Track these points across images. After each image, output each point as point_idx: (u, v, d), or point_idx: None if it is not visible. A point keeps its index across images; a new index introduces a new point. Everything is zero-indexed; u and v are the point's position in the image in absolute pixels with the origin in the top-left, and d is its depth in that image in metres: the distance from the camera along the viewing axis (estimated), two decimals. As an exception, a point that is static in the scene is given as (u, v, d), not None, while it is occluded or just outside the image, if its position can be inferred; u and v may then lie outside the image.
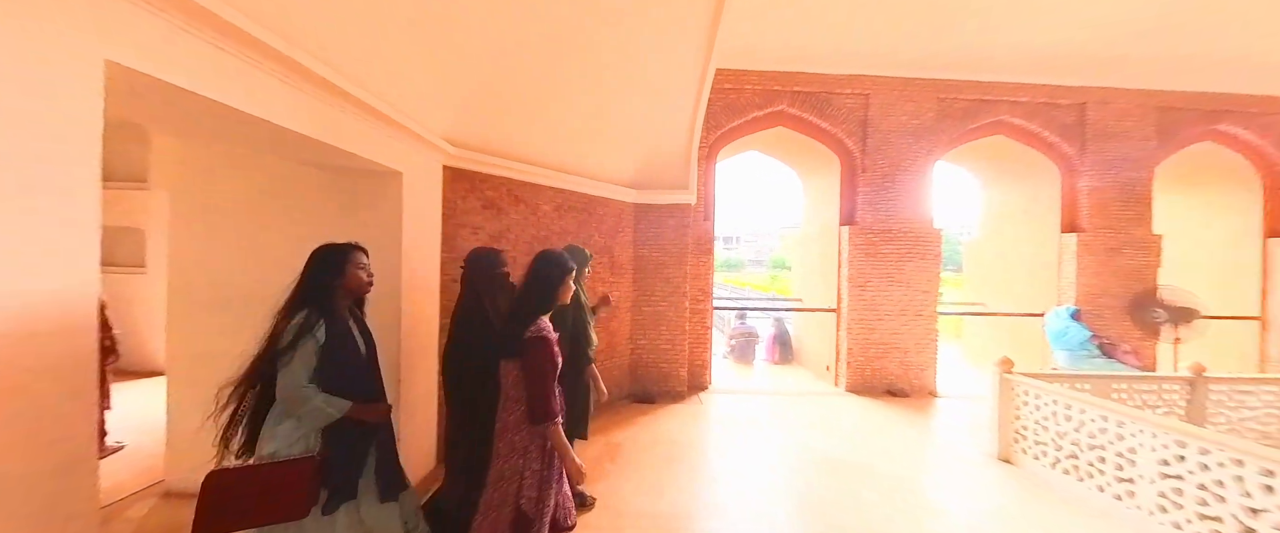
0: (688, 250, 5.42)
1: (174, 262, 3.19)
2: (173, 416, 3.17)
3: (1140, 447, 2.94)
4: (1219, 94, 6.09)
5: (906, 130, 5.93)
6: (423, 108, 3.33)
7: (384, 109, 2.83)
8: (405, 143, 3.24)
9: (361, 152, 2.73)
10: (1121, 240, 6.10)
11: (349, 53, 2.48)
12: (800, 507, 3.36)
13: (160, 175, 3.15)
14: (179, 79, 1.54)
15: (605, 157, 5.06)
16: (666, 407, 5.20)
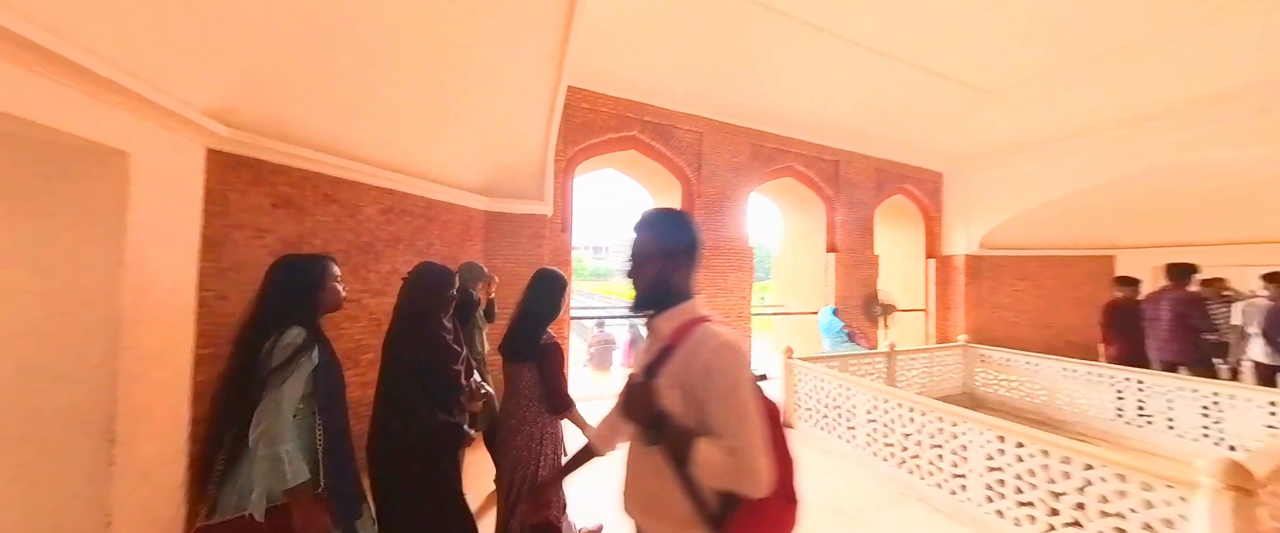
0: (544, 261, 4.10)
1: None
2: None
3: (858, 404, 3.36)
4: (905, 164, 7.14)
5: (729, 167, 5.58)
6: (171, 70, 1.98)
7: (86, 61, 1.54)
8: (135, 113, 1.86)
9: (45, 118, 1.47)
10: (858, 258, 6.66)
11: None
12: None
13: None
14: None
15: (451, 159, 3.57)
16: None
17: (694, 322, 0.97)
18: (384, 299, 3.25)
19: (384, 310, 3.22)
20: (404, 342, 1.65)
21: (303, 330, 1.31)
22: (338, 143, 2.91)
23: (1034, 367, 4.87)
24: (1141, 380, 4.09)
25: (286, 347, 1.25)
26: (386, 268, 3.28)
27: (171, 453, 2.14)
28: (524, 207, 4.36)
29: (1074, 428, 4.34)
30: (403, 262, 3.40)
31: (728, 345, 0.90)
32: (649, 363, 1.00)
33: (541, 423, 1.80)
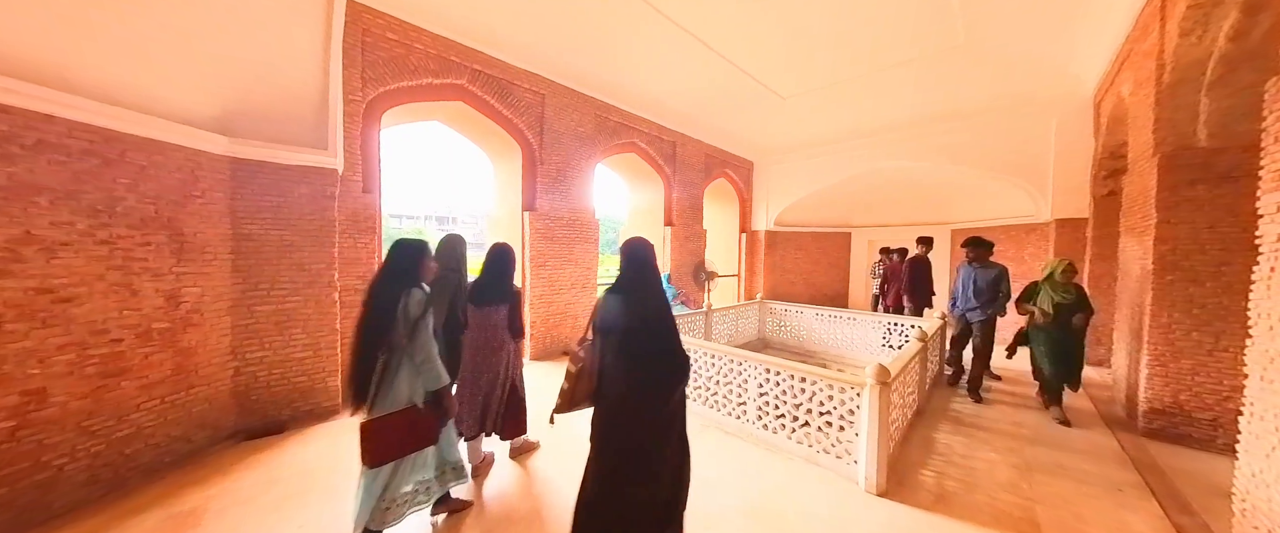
0: (336, 228, 3.27)
1: None
2: None
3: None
4: (727, 151, 8.28)
5: (574, 135, 5.48)
6: None
7: None
8: None
9: None
10: (690, 232, 7.55)
11: None
12: (476, 486, 2.47)
13: None
14: None
15: (157, 69, 2.45)
16: (304, 431, 3.13)
17: None
18: (7, 283, 2.04)
19: (11, 301, 2.04)
20: None
21: (423, 292, 1.88)
22: None
23: (800, 314, 6.48)
24: (854, 317, 5.92)
25: (418, 302, 1.83)
26: (11, 233, 2.05)
27: None
28: (296, 156, 3.32)
29: (821, 356, 6.01)
30: (49, 224, 2.18)
31: None
32: None
33: (510, 343, 2.66)
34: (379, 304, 1.79)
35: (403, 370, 1.80)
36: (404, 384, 1.80)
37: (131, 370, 2.53)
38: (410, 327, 1.79)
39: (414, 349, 1.80)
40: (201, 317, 2.91)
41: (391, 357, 1.78)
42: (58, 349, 2.22)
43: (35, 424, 2.15)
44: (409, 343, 1.79)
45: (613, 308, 1.62)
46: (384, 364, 1.78)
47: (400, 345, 1.78)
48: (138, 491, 2.47)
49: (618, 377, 1.55)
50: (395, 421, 1.75)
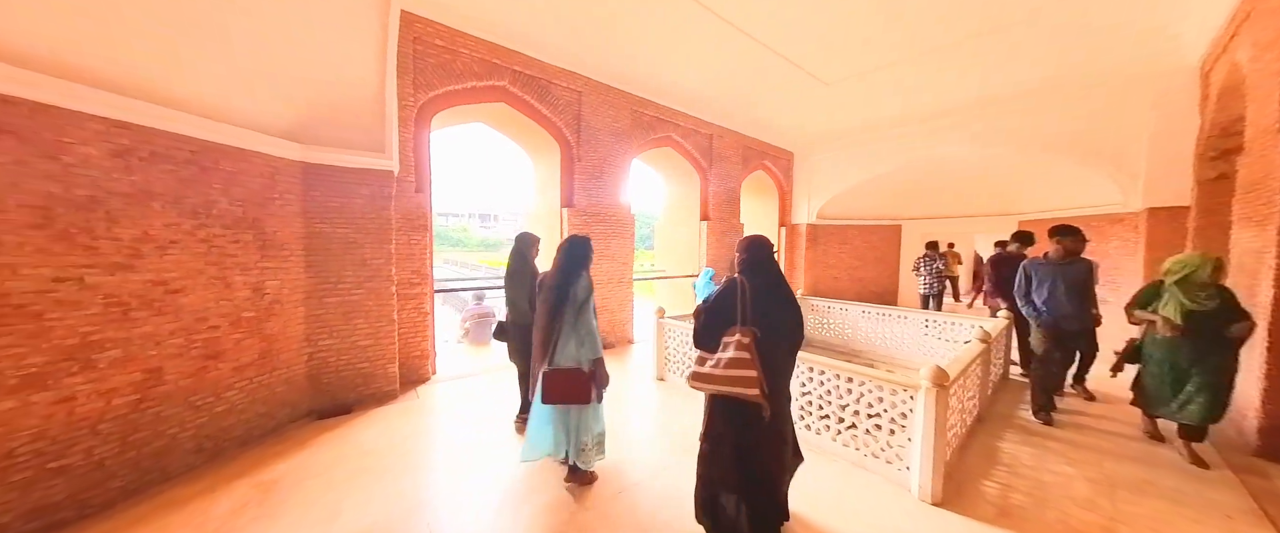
0: (392, 225, 3.53)
1: None
2: None
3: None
4: (765, 142, 7.98)
5: (610, 131, 5.51)
6: None
7: None
8: None
9: None
10: (726, 226, 7.40)
11: None
12: (529, 473, 2.64)
13: None
14: None
15: (239, 86, 2.83)
16: (368, 413, 3.38)
17: None
18: (131, 277, 2.38)
19: (133, 291, 2.37)
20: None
21: (589, 279, 2.42)
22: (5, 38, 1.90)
23: (845, 311, 6.19)
24: (904, 316, 5.56)
25: (585, 287, 2.36)
26: (132, 233, 2.38)
27: None
28: (359, 159, 3.59)
29: (867, 356, 5.71)
30: (161, 225, 2.51)
31: None
32: None
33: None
34: (560, 287, 2.32)
35: (570, 339, 2.28)
36: (572, 348, 2.28)
37: (226, 354, 2.87)
38: (577, 307, 2.30)
39: (579, 324, 2.29)
40: (281, 307, 3.24)
41: (563, 327, 2.28)
42: (170, 334, 2.56)
43: (154, 398, 2.49)
44: (575, 319, 2.29)
45: (762, 296, 1.84)
46: (559, 332, 2.28)
47: (568, 320, 2.28)
48: (233, 459, 2.81)
49: (777, 353, 1.82)
50: (568, 375, 2.25)
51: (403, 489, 2.52)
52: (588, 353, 2.29)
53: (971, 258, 12.57)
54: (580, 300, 2.32)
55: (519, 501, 2.41)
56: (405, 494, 2.47)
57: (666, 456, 2.94)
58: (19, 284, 1.99)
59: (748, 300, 1.79)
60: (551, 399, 2.26)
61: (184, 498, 2.40)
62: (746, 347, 1.72)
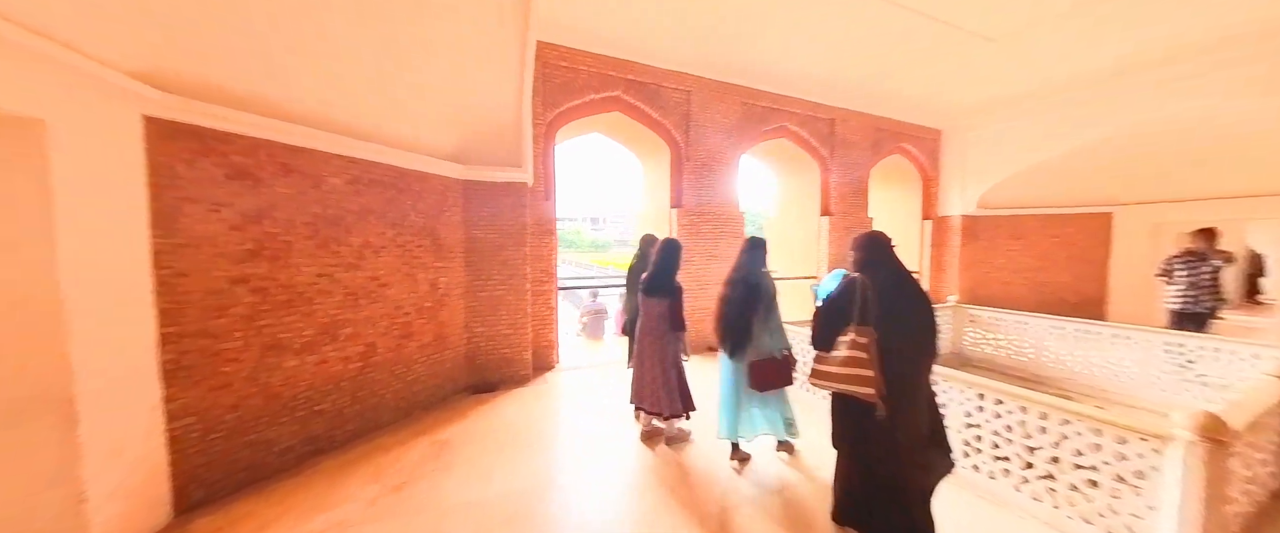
0: (527, 230, 4.02)
1: None
2: None
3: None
4: (903, 122, 6.84)
5: (719, 127, 5.33)
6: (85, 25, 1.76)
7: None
8: (49, 75, 1.69)
9: None
10: (852, 221, 6.55)
11: None
12: (640, 472, 2.75)
13: None
14: None
15: (421, 124, 3.41)
16: (509, 393, 3.86)
17: None
18: (358, 273, 3.17)
19: (359, 285, 3.13)
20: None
21: (772, 277, 2.70)
22: (289, 107, 2.71)
23: (1023, 325, 4.88)
24: (1129, 336, 4.10)
25: (772, 286, 2.63)
26: (359, 241, 3.17)
27: (145, 430, 2.12)
28: (503, 174, 4.18)
29: (1059, 384, 4.40)
30: (377, 234, 3.28)
31: None
32: None
33: (671, 335, 2.90)
34: (735, 287, 2.59)
35: (763, 333, 2.53)
36: (766, 341, 2.54)
37: (414, 335, 3.62)
38: (767, 304, 2.55)
39: (770, 319, 2.56)
40: (449, 299, 3.96)
41: (755, 323, 2.53)
42: (380, 317, 3.34)
43: (372, 366, 3.28)
44: (767, 315, 2.54)
45: (886, 295, 1.75)
46: (747, 326, 2.53)
47: (760, 316, 2.53)
48: (417, 420, 3.53)
49: (903, 353, 1.71)
50: (776, 363, 2.52)
51: (537, 466, 2.83)
52: (781, 343, 2.58)
53: (1246, 257, 8.72)
54: (770, 298, 2.57)
55: (641, 490, 2.52)
56: (539, 471, 2.77)
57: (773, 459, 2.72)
58: (300, 278, 2.82)
59: (868, 300, 1.74)
60: (764, 386, 2.49)
61: (389, 445, 3.09)
62: (863, 346, 1.69)
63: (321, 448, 2.94)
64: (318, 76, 2.76)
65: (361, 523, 2.23)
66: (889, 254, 1.86)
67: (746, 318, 2.50)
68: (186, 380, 2.29)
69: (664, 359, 2.86)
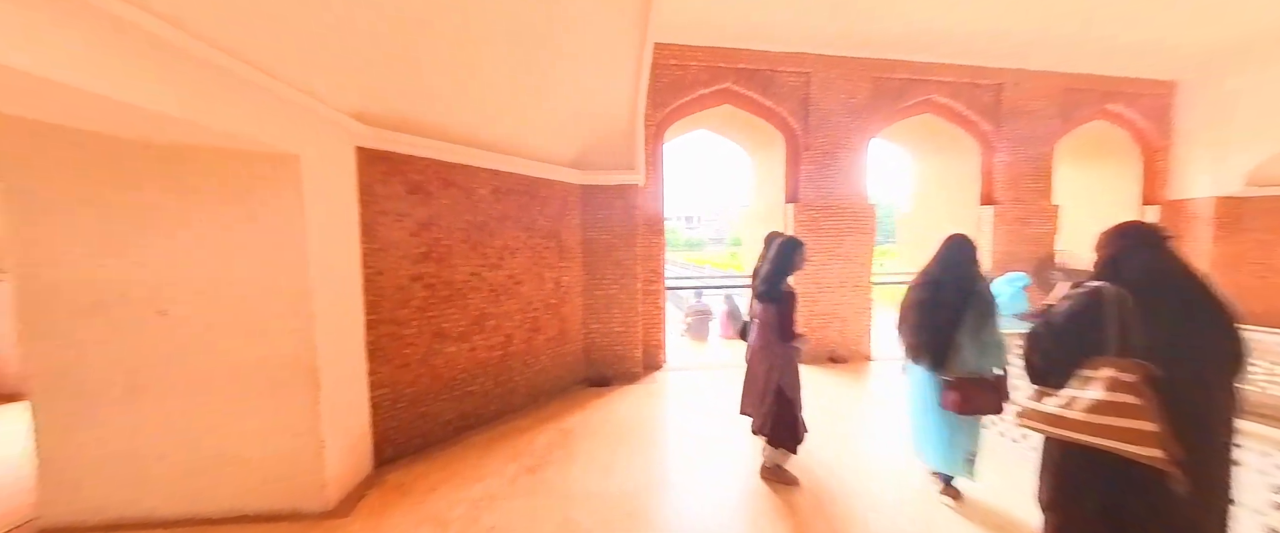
0: (638, 231, 4.09)
1: (17, 267, 2.08)
2: (43, 442, 2.14)
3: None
4: (1110, 77, 5.17)
5: (845, 109, 4.69)
6: (322, 80, 2.29)
7: (264, 80, 1.89)
8: (301, 121, 2.22)
9: (237, 129, 1.83)
10: (1029, 211, 5.19)
11: (218, 15, 1.60)
12: (753, 477, 2.65)
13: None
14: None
15: (546, 136, 3.65)
16: (621, 388, 3.94)
17: None
18: (499, 272, 3.55)
19: (500, 282, 3.50)
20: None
21: (987, 283, 2.24)
22: (450, 129, 3.15)
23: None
24: None
25: (988, 291, 2.18)
26: (499, 244, 3.56)
27: (357, 396, 2.66)
28: (616, 177, 4.31)
29: None
30: (512, 237, 3.65)
31: None
32: None
33: (776, 347, 2.49)
34: (965, 288, 2.15)
35: (969, 347, 2.09)
36: (970, 357, 2.08)
37: (542, 329, 3.94)
38: (981, 313, 2.11)
39: (983, 331, 2.10)
40: (570, 297, 4.23)
41: (962, 333, 2.10)
42: (515, 312, 3.70)
43: (509, 355, 3.66)
44: (978, 326, 2.09)
45: (1165, 313, 1.22)
46: (953, 340, 2.12)
47: (969, 326, 2.09)
48: (543, 407, 3.83)
49: (1202, 398, 1.21)
50: (983, 385, 2.07)
51: (652, 462, 2.85)
52: (992, 363, 2.11)
53: None
54: (987, 307, 2.11)
55: (758, 498, 2.36)
56: (654, 468, 2.79)
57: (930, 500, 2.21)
58: (458, 276, 3.26)
59: (1129, 320, 1.24)
60: (967, 410, 2.08)
61: (522, 428, 3.41)
62: (1133, 388, 1.16)
63: (471, 424, 3.37)
64: (469, 102, 3.16)
65: (506, 498, 2.47)
66: (1163, 252, 1.30)
67: (951, 327, 2.10)
68: (381, 359, 2.82)
69: (768, 371, 2.51)
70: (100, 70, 1.36)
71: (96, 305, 2.13)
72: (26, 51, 1.17)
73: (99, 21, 1.35)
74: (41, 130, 2.02)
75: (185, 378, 2.21)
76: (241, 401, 2.25)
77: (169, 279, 2.18)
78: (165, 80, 1.56)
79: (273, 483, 2.29)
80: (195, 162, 2.13)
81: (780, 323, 2.46)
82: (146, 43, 1.49)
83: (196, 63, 1.66)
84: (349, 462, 2.53)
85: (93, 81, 1.34)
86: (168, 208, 2.15)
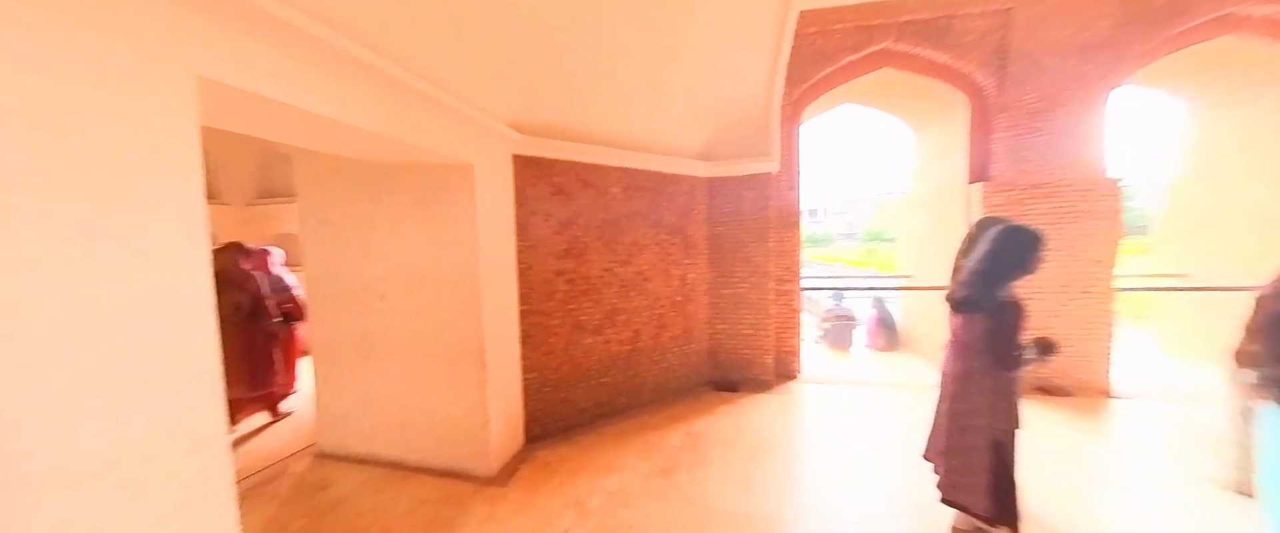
0: (770, 225, 3.71)
1: (308, 262, 2.92)
2: (320, 389, 2.97)
3: None
4: None
5: (1070, 49, 3.46)
6: (487, 95, 2.58)
7: (447, 99, 2.20)
8: (473, 133, 2.55)
9: (430, 145, 2.19)
10: None
11: (410, 43, 1.95)
12: (915, 521, 2.14)
13: (301, 189, 2.96)
14: (260, 87, 1.37)
15: (673, 129, 3.59)
16: (751, 396, 3.63)
17: None
18: (628, 268, 3.60)
19: (629, 278, 3.54)
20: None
21: None
22: (586, 130, 3.30)
23: None
24: None
25: None
26: (629, 240, 3.61)
27: (513, 377, 2.97)
28: (747, 166, 3.97)
29: None
30: (641, 233, 3.67)
31: None
32: None
33: (991, 376, 1.84)
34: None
35: None
36: None
37: (668, 326, 3.88)
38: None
39: None
40: (695, 294, 4.07)
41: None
42: (643, 308, 3.71)
43: (638, 351, 3.70)
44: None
45: None
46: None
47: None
48: (670, 405, 3.76)
49: None
50: None
51: (793, 481, 2.53)
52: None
53: None
54: None
55: None
56: (798, 488, 2.45)
57: None
58: (593, 272, 3.41)
59: None
60: None
61: (652, 425, 3.39)
62: None
63: (604, 414, 3.50)
64: (605, 102, 3.24)
65: (641, 496, 2.44)
66: None
67: None
68: (530, 345, 3.10)
69: (970, 412, 1.86)
70: (346, 104, 1.72)
71: (343, 292, 2.83)
72: (330, 103, 1.58)
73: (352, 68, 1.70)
74: (320, 160, 2.75)
75: (396, 351, 2.76)
76: (433, 373, 2.71)
77: (386, 272, 2.74)
78: (379, 108, 1.92)
79: (451, 445, 2.71)
80: (404, 176, 2.64)
81: (997, 344, 1.79)
82: (368, 75, 1.83)
83: (398, 88, 1.99)
84: (507, 435, 2.84)
85: (345, 114, 1.71)
86: (387, 215, 2.71)
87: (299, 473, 2.78)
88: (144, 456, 1.08)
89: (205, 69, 1.22)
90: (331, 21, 1.55)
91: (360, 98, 1.79)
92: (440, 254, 2.64)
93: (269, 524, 2.28)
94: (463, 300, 2.61)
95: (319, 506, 2.44)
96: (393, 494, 2.52)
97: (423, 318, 2.70)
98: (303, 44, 1.49)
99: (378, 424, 2.84)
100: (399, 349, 2.76)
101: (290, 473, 2.78)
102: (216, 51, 1.25)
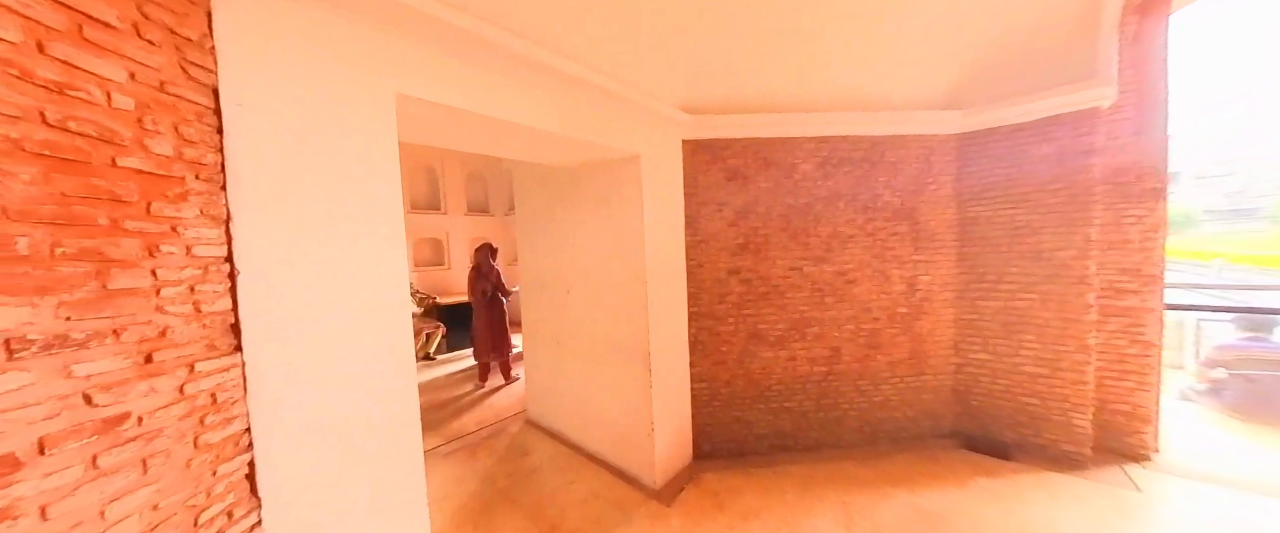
0: (1093, 197, 2.17)
1: (522, 259, 3.39)
2: (529, 366, 3.45)
3: None
4: None
5: None
6: (654, 76, 2.38)
7: (613, 86, 2.09)
8: (640, 121, 2.39)
9: (598, 138, 2.13)
10: None
11: (572, 30, 1.88)
12: None
13: (517, 197, 3.44)
14: (447, 98, 1.49)
15: (901, 70, 2.59)
16: (1036, 474, 2.31)
17: None
18: (824, 267, 2.79)
19: (825, 280, 2.74)
20: None
21: None
22: (769, 95, 2.68)
23: None
24: None
25: None
26: (825, 231, 2.79)
27: (680, 384, 2.69)
28: (1035, 107, 2.47)
29: None
30: (842, 221, 2.79)
31: None
32: None
33: None
34: None
35: None
36: None
37: (883, 346, 2.85)
38: None
39: None
40: (930, 305, 2.86)
41: None
42: (846, 319, 2.83)
43: (836, 374, 2.85)
44: None
45: None
46: None
47: None
48: (885, 456, 2.74)
49: None
50: None
51: None
52: None
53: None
54: None
55: None
56: None
57: None
58: (775, 271, 2.78)
59: None
60: None
61: (856, 477, 2.53)
62: None
63: (787, 445, 2.83)
64: (792, 56, 2.54)
65: (841, 588, 1.72)
66: None
67: None
68: (700, 352, 2.75)
69: None
70: (520, 107, 1.75)
71: (541, 285, 3.14)
72: (507, 107, 1.67)
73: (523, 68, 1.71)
74: (529, 170, 3.14)
75: (579, 342, 2.88)
76: (604, 368, 2.70)
77: (571, 267, 2.89)
78: (550, 107, 1.89)
79: (622, 444, 2.63)
80: (585, 176, 2.70)
81: None
82: (538, 73, 1.81)
83: (566, 82, 1.92)
84: (673, 447, 2.59)
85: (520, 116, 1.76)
86: (574, 214, 2.84)
87: (513, 434, 3.29)
88: (363, 426, 1.25)
89: (402, 86, 1.35)
90: (499, 21, 1.55)
91: (533, 99, 1.80)
92: (611, 250, 2.59)
93: (486, 477, 2.71)
94: (630, 298, 2.49)
95: (520, 470, 2.77)
96: (572, 477, 2.64)
97: (597, 313, 2.73)
98: (478, 50, 1.54)
99: (566, 407, 3.08)
100: (578, 341, 2.89)
101: (507, 433, 3.33)
102: (409, 69, 1.38)
